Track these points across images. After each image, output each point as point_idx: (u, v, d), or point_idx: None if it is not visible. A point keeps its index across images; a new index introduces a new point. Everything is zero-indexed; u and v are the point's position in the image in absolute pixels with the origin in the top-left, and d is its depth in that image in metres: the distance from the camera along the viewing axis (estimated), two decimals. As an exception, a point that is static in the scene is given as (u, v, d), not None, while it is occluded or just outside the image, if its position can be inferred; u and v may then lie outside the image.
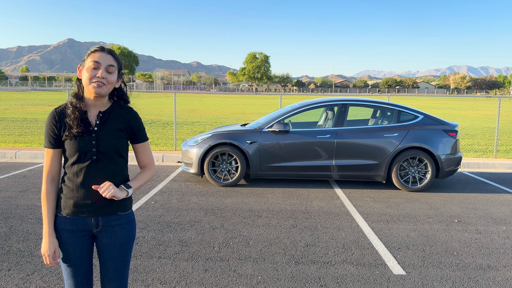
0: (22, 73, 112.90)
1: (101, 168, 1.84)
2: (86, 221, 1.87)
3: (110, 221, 1.89)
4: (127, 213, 1.96)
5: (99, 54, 1.80)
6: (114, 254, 1.92)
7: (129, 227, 1.95)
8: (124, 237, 1.93)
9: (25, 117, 17.12)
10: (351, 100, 6.85)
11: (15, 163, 8.17)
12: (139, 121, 1.97)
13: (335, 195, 6.07)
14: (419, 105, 29.91)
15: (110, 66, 1.81)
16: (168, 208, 5.26)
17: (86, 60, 1.81)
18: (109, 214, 1.89)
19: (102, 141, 1.84)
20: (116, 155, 1.88)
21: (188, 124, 15.27)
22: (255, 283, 3.27)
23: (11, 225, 4.46)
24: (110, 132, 1.86)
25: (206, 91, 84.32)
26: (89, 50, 1.85)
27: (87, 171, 1.83)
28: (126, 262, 1.96)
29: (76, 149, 1.81)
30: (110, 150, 1.85)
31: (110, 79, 1.81)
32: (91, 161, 1.83)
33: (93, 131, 1.83)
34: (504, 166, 8.58)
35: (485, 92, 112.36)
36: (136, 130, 1.96)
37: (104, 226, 1.89)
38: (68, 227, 1.86)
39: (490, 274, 3.52)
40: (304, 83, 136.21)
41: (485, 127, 16.21)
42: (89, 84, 1.79)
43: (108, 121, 1.87)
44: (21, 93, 48.89)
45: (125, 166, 1.95)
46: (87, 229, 1.88)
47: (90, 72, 1.78)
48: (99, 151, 1.83)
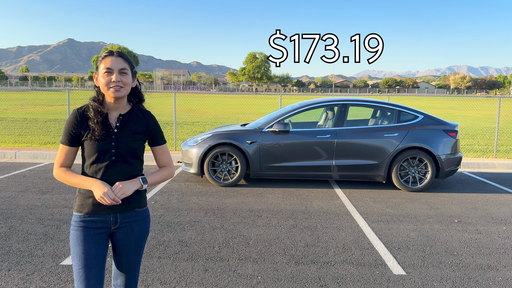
0: (22, 73, 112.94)
1: (119, 168, 1.90)
2: (105, 218, 1.92)
3: (128, 217, 1.96)
4: (144, 209, 2.03)
5: (109, 60, 1.86)
6: (129, 249, 1.98)
7: (145, 223, 2.03)
8: (140, 233, 2.00)
9: (25, 117, 17.12)
10: (351, 100, 6.85)
11: (15, 163, 8.17)
12: (157, 125, 2.06)
13: (335, 195, 6.07)
14: (419, 105, 29.90)
15: (122, 69, 1.87)
16: (168, 208, 5.26)
17: (99, 67, 1.88)
18: (127, 210, 1.95)
19: (121, 143, 1.90)
20: (133, 157, 1.95)
21: (188, 124, 15.27)
22: (255, 283, 3.27)
23: (11, 225, 4.46)
24: (129, 135, 1.93)
25: (206, 91, 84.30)
26: (99, 56, 1.91)
27: (105, 171, 1.88)
28: (139, 257, 2.04)
29: (96, 149, 1.87)
30: (128, 151, 1.92)
31: (125, 80, 1.88)
32: (109, 162, 1.89)
33: (113, 133, 1.90)
34: (504, 166, 8.58)
35: (485, 92, 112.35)
36: (154, 134, 2.04)
37: (122, 223, 1.95)
38: (86, 225, 1.90)
39: (490, 274, 3.52)
40: (304, 83, 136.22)
41: (485, 127, 16.21)
42: (107, 90, 1.86)
43: (127, 124, 1.95)
44: (21, 93, 48.90)
45: (141, 167, 2.02)
46: (106, 226, 1.93)
47: (106, 78, 1.85)
48: (117, 152, 1.90)
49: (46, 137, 11.24)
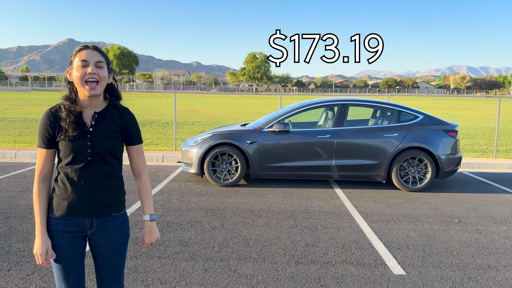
0: (22, 73, 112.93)
1: (96, 169, 1.83)
2: (80, 222, 1.85)
3: (104, 222, 1.88)
4: (121, 213, 1.95)
5: (85, 52, 1.78)
6: (109, 255, 1.92)
7: (123, 228, 1.95)
8: (119, 237, 1.93)
9: (25, 117, 17.12)
10: (351, 100, 6.85)
11: (15, 163, 8.17)
12: (135, 123, 1.96)
13: (335, 195, 6.07)
14: (419, 105, 29.90)
15: (98, 62, 1.79)
16: (168, 208, 5.26)
17: (73, 61, 1.79)
18: (103, 215, 1.88)
19: (97, 142, 1.82)
20: (111, 156, 1.87)
21: (188, 124, 15.27)
22: (255, 283, 3.27)
23: (11, 225, 4.46)
24: (106, 133, 1.85)
25: (206, 91, 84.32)
26: (74, 50, 1.82)
27: (82, 172, 1.81)
28: (121, 262, 1.97)
29: (71, 150, 1.79)
30: (105, 151, 1.84)
31: (101, 74, 1.79)
32: (86, 162, 1.81)
33: (88, 132, 1.82)
34: (504, 166, 8.58)
35: (485, 92, 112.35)
36: (131, 132, 1.94)
37: (98, 228, 1.88)
38: (61, 228, 1.84)
39: (490, 274, 3.52)
40: (304, 83, 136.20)
41: (485, 127, 16.21)
42: (81, 85, 1.77)
43: (103, 122, 1.86)
44: (21, 93, 48.90)
45: (120, 168, 1.94)
46: (81, 230, 1.87)
47: (81, 71, 1.76)
48: (94, 152, 1.82)
49: (46, 137, 11.23)
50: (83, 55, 1.77)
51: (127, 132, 1.93)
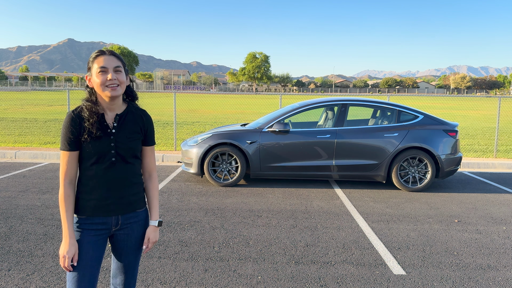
0: (22, 73, 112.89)
1: (119, 169, 1.89)
2: (107, 220, 1.90)
3: (129, 218, 1.96)
4: (143, 209, 2.03)
5: (102, 58, 1.82)
6: (129, 249, 1.98)
7: (146, 223, 2.04)
8: (140, 232, 2.00)
9: (25, 117, 17.12)
10: (351, 100, 6.84)
11: (15, 163, 8.17)
12: (152, 125, 2.05)
13: (335, 195, 6.07)
14: (419, 105, 29.91)
15: (117, 67, 1.84)
16: (168, 208, 5.26)
17: (92, 67, 1.84)
18: (128, 212, 1.95)
19: (120, 143, 1.88)
20: (133, 157, 1.93)
21: (188, 124, 15.27)
22: (255, 283, 3.27)
23: (11, 225, 4.46)
24: (128, 135, 1.91)
25: (206, 91, 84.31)
26: (90, 57, 1.86)
27: (106, 172, 1.86)
28: (138, 256, 2.04)
29: (95, 151, 1.84)
30: (127, 152, 1.90)
31: (120, 78, 1.84)
32: (110, 163, 1.86)
33: (111, 133, 1.87)
34: (504, 166, 8.58)
35: (485, 92, 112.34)
36: (149, 133, 2.02)
37: (123, 224, 1.94)
38: (87, 227, 1.88)
39: (490, 274, 3.52)
40: (304, 83, 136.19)
41: (485, 127, 16.21)
42: (102, 90, 1.82)
43: (125, 124, 1.92)
44: (21, 93, 48.89)
45: (140, 166, 2.02)
46: (107, 228, 1.91)
47: (101, 78, 1.80)
48: (117, 153, 1.87)
49: (46, 137, 11.24)
50: (101, 62, 1.81)
51: (146, 133, 2.00)
